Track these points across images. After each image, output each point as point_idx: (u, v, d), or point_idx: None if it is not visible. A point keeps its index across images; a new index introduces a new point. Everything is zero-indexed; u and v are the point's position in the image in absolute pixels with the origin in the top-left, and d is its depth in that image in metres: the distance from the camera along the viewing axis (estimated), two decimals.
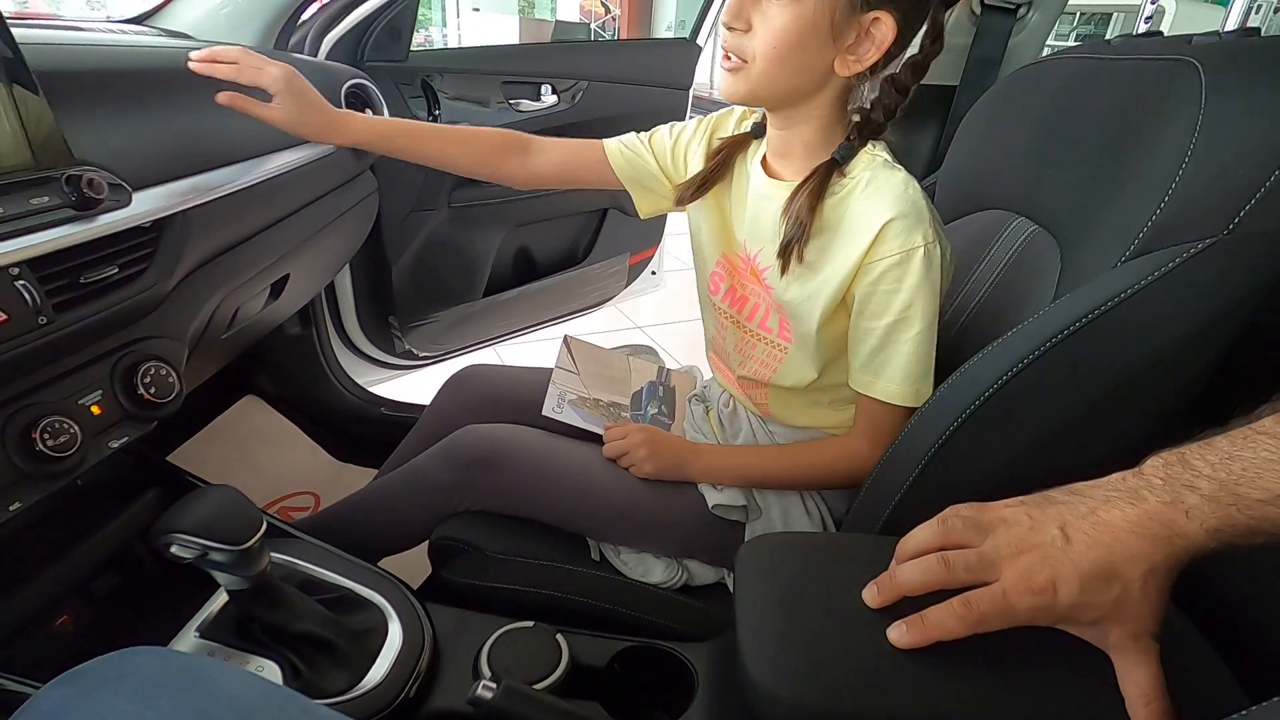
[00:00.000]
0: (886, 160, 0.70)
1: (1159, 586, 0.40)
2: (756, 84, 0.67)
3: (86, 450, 0.59)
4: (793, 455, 0.79)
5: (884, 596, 0.46)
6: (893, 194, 0.67)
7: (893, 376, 0.69)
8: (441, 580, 0.83)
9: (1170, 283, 0.51)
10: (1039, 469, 0.57)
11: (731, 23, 0.66)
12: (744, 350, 0.82)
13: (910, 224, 0.66)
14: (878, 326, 0.69)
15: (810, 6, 0.62)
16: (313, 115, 0.81)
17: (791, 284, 0.73)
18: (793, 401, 0.81)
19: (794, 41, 0.64)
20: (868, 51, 0.65)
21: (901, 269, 0.66)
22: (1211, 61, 0.56)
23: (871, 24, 0.63)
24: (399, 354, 1.52)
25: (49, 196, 0.55)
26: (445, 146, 0.89)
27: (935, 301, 0.68)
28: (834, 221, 0.70)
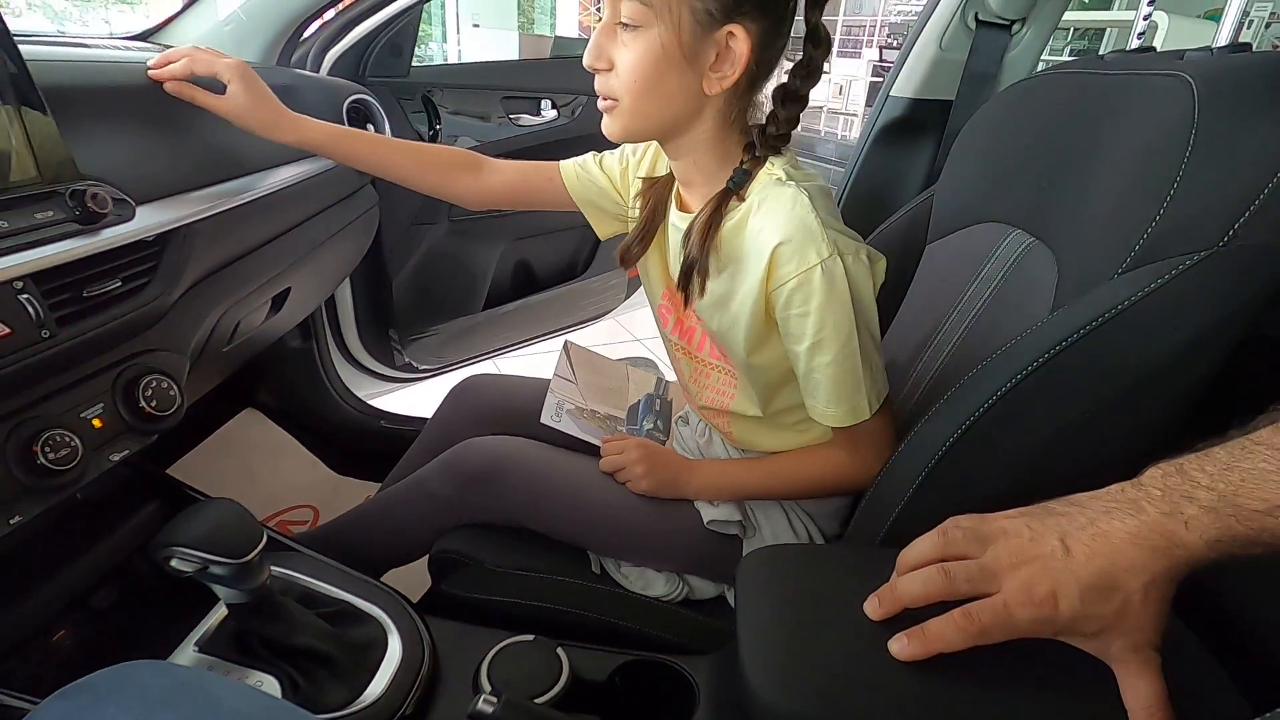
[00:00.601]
0: (779, 177, 0.67)
1: (1159, 597, 0.40)
2: (630, 120, 0.66)
3: (87, 463, 0.59)
4: (782, 465, 0.79)
5: (885, 608, 0.46)
6: (781, 215, 0.64)
7: (826, 399, 0.68)
8: (442, 593, 0.83)
9: (1167, 295, 0.51)
10: (1038, 480, 0.57)
11: (594, 64, 0.65)
12: (699, 380, 0.82)
13: (799, 245, 0.63)
14: (800, 351, 0.67)
15: (656, 35, 0.61)
16: (262, 110, 0.79)
17: (714, 315, 0.73)
18: (755, 427, 0.80)
19: (652, 72, 0.63)
20: (729, 68, 0.63)
21: (803, 291, 0.64)
22: (1203, 77, 0.56)
23: (727, 39, 0.62)
24: (399, 367, 1.52)
25: (53, 211, 0.56)
26: (394, 157, 0.87)
27: (849, 315, 0.65)
28: (737, 247, 0.68)
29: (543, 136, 1.48)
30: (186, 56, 0.77)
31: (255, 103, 0.78)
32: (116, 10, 9.04)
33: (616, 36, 0.64)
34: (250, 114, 0.78)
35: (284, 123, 0.80)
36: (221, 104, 0.77)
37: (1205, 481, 0.40)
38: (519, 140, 1.46)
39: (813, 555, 0.62)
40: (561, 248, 1.71)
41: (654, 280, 0.83)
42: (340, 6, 1.12)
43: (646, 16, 0.61)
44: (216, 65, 0.77)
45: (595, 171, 0.87)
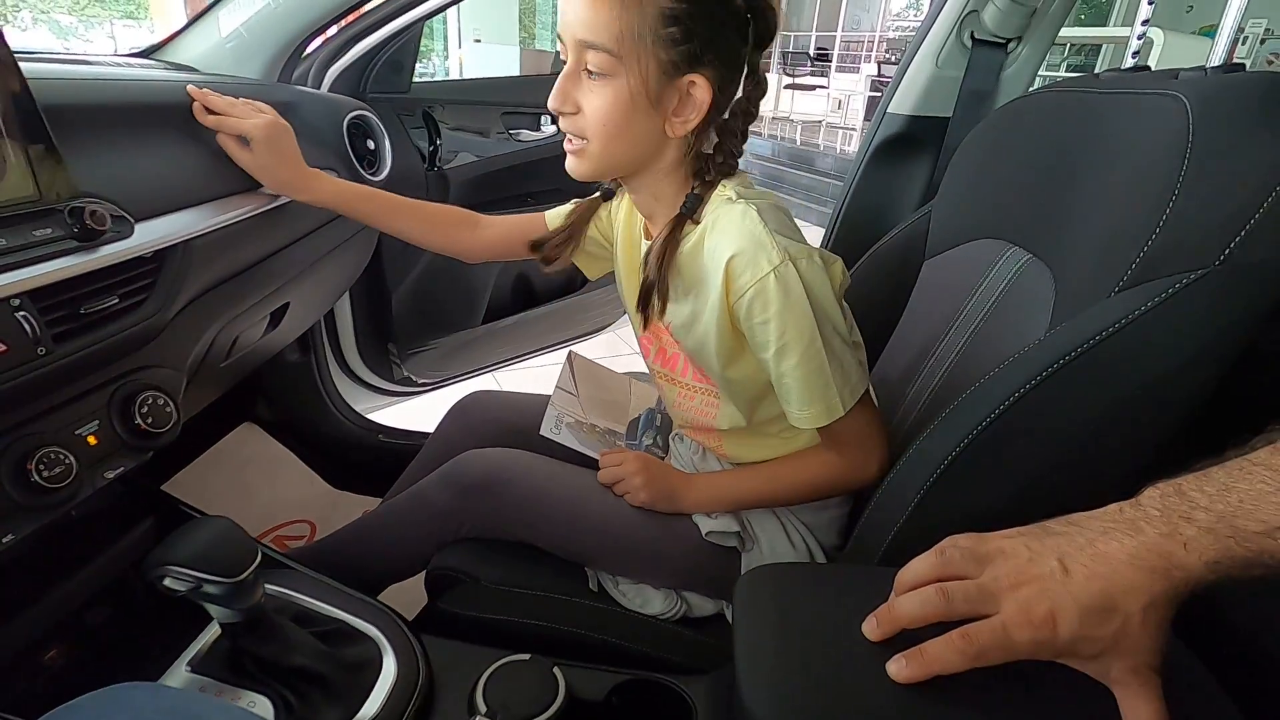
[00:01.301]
0: (730, 197, 0.70)
1: (1159, 619, 0.40)
2: (598, 161, 0.69)
3: (82, 481, 0.59)
4: (777, 471, 0.79)
5: (883, 629, 0.46)
6: (732, 230, 0.67)
7: (799, 402, 0.70)
8: (438, 611, 0.83)
9: (1164, 313, 0.51)
10: (1036, 499, 0.57)
11: (560, 108, 0.68)
12: (682, 403, 0.84)
13: (750, 256, 0.66)
14: (768, 359, 0.69)
15: (624, 83, 0.64)
16: (282, 170, 0.83)
17: (686, 335, 0.75)
18: (743, 441, 0.82)
19: (620, 117, 0.65)
20: (691, 113, 0.66)
21: (761, 300, 0.66)
22: (1198, 96, 0.57)
23: (689, 87, 0.65)
24: (398, 381, 1.52)
25: (51, 228, 0.56)
26: (400, 217, 0.92)
27: (809, 317, 0.66)
28: (696, 268, 0.71)
29: (542, 152, 1.49)
30: (222, 115, 0.81)
31: (275, 163, 0.82)
32: (122, 25, 9.12)
33: (581, 82, 0.66)
34: (266, 173, 0.83)
35: (298, 182, 0.85)
36: (244, 159, 0.81)
37: (1204, 502, 0.40)
38: (518, 155, 1.47)
39: (810, 574, 0.62)
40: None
41: (632, 310, 0.84)
42: (342, 24, 1.12)
43: (614, 67, 0.64)
44: (244, 126, 0.80)
45: None
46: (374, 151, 1.12)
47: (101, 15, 9.20)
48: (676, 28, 0.62)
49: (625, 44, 0.63)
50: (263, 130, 0.80)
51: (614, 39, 0.63)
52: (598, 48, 0.63)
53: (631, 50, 0.63)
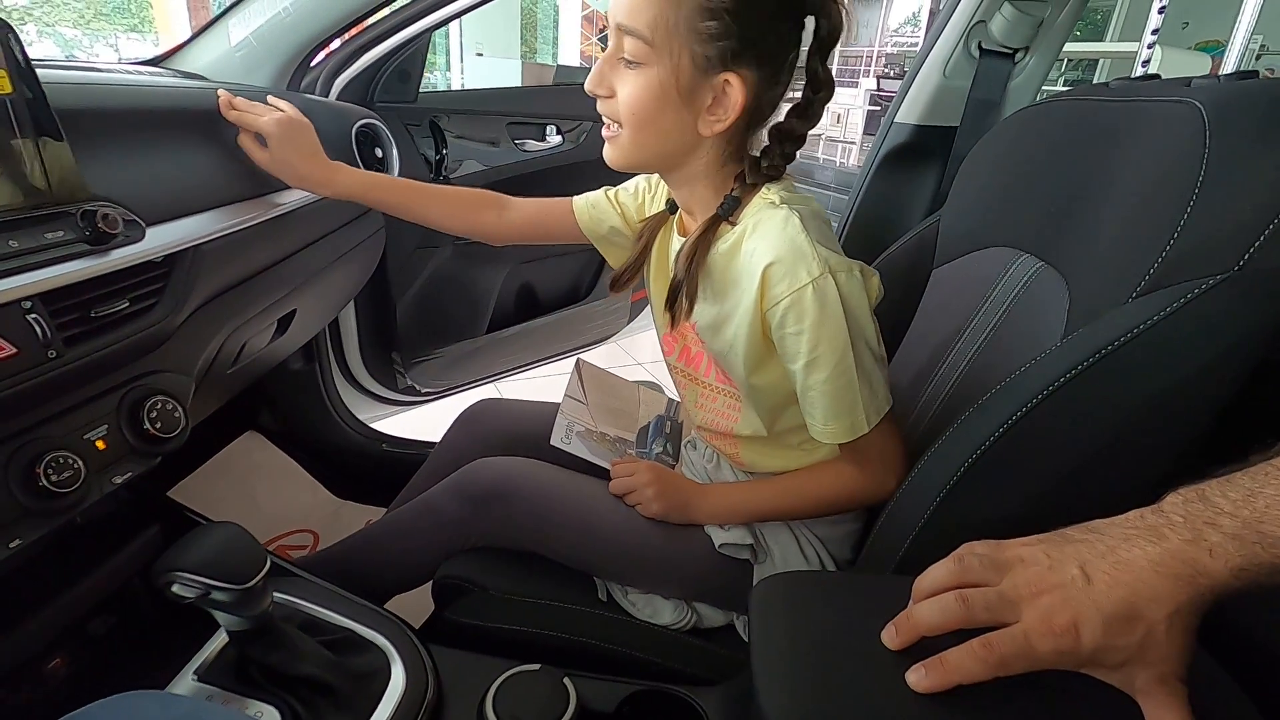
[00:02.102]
0: (773, 201, 0.68)
1: (1184, 627, 0.39)
2: (629, 149, 0.68)
3: (90, 486, 0.58)
4: (792, 484, 0.78)
5: (903, 638, 0.45)
6: (772, 236, 0.65)
7: (824, 416, 0.68)
8: (445, 620, 0.82)
9: (1183, 318, 0.51)
10: (1054, 506, 0.56)
11: (594, 90, 0.67)
12: (704, 405, 0.83)
13: (790, 265, 0.64)
14: (797, 370, 0.68)
15: (655, 74, 0.63)
16: (300, 164, 0.83)
17: (713, 337, 0.74)
18: (761, 449, 0.80)
19: (650, 107, 0.64)
20: (724, 112, 0.64)
21: (796, 310, 0.64)
22: (1213, 103, 0.57)
23: (724, 85, 0.63)
24: (401, 390, 1.51)
25: (64, 231, 0.56)
26: (425, 202, 0.91)
27: (843, 331, 0.65)
28: (730, 271, 0.69)
29: (548, 162, 1.49)
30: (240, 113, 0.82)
31: (293, 159, 0.82)
32: (126, 39, 9.18)
33: (618, 67, 0.65)
34: (284, 169, 0.83)
35: (317, 175, 0.84)
36: (259, 156, 0.82)
37: (1228, 508, 0.39)
38: (524, 165, 1.47)
39: (827, 583, 0.61)
40: (565, 272, 1.72)
41: (657, 308, 0.84)
42: (349, 35, 1.13)
43: (648, 55, 0.63)
44: (259, 123, 0.81)
45: (606, 207, 0.89)
46: (381, 160, 1.12)
47: (106, 29, 9.26)
48: (715, 22, 0.61)
49: (659, 33, 0.62)
50: (277, 126, 0.80)
51: (649, 26, 0.62)
52: (633, 33, 0.62)
53: (665, 41, 0.62)
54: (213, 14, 1.10)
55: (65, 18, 9.01)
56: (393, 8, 1.10)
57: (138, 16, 9.33)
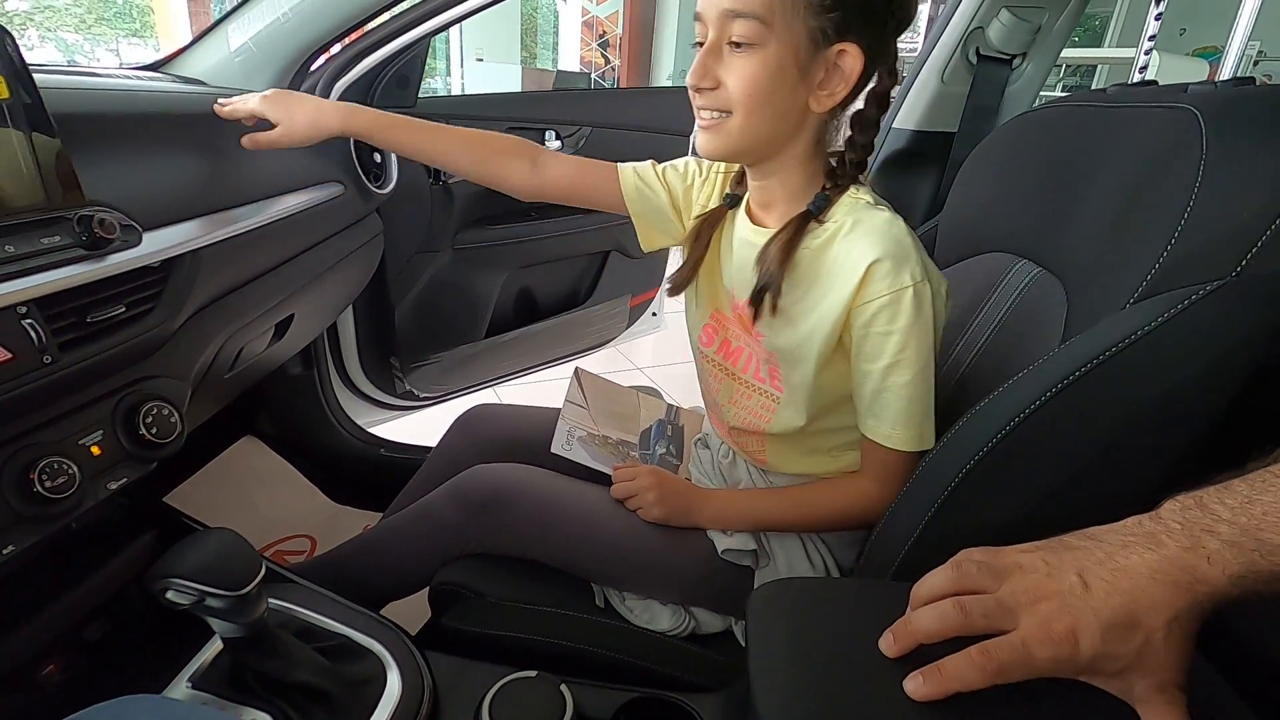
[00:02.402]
0: (869, 202, 0.69)
1: (1183, 635, 0.39)
2: (737, 136, 0.67)
3: (84, 492, 0.58)
4: (803, 497, 0.78)
5: (900, 645, 0.45)
6: (877, 234, 0.66)
7: (894, 421, 0.68)
8: (442, 627, 0.81)
9: (1181, 324, 0.51)
10: (1052, 513, 0.56)
11: (699, 83, 0.66)
12: (737, 401, 0.82)
13: (896, 264, 0.65)
14: (874, 370, 0.67)
15: (774, 50, 0.63)
16: (308, 117, 0.81)
17: (782, 331, 0.72)
18: (789, 450, 0.80)
19: (767, 87, 0.64)
20: (838, 85, 0.65)
21: (892, 310, 0.65)
22: (1210, 109, 0.57)
23: (838, 56, 0.63)
24: (399, 394, 1.51)
25: (60, 236, 0.56)
26: (447, 143, 0.86)
27: (929, 341, 0.67)
28: (819, 267, 0.69)
29: None
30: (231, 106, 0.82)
31: (298, 115, 0.81)
32: (127, 44, 9.20)
33: (723, 57, 0.65)
34: (295, 129, 0.81)
35: (329, 120, 0.82)
36: (272, 136, 0.81)
37: (1226, 515, 0.39)
38: None
39: (824, 589, 0.61)
40: (564, 276, 1.72)
41: (703, 297, 0.83)
42: (348, 40, 1.13)
43: (763, 34, 0.62)
44: (249, 105, 0.80)
45: (656, 184, 0.86)
46: (380, 165, 1.12)
47: (108, 34, 9.29)
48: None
49: (774, 10, 0.61)
50: (268, 100, 0.80)
51: (764, 5, 0.61)
52: (746, 15, 0.62)
53: (781, 16, 0.61)
54: (213, 19, 1.10)
55: (66, 23, 9.02)
56: (393, 13, 1.10)
57: (139, 22, 9.34)
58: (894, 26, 0.66)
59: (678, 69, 9.90)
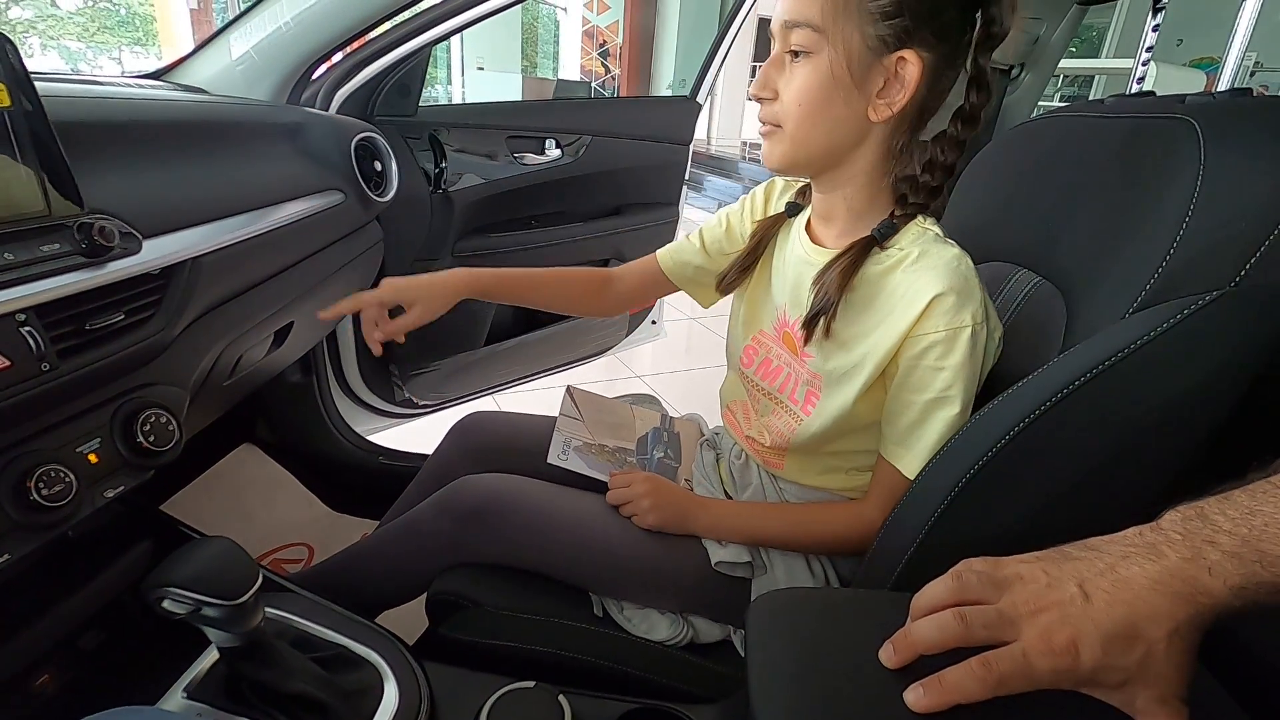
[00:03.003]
0: (938, 235, 0.69)
1: (1184, 647, 0.39)
2: (793, 146, 0.67)
3: (81, 500, 0.58)
4: (801, 517, 0.77)
5: (900, 656, 0.44)
6: (944, 268, 0.65)
7: (920, 454, 0.67)
8: (439, 637, 0.81)
9: (1180, 334, 0.51)
10: (1052, 523, 0.56)
11: (760, 93, 0.66)
12: (764, 418, 0.82)
13: (960, 301, 0.64)
14: (918, 401, 0.67)
15: (826, 60, 0.62)
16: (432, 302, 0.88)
17: (834, 354, 0.72)
18: (807, 464, 0.79)
19: (819, 96, 0.64)
20: (897, 94, 0.63)
21: (947, 346, 0.64)
22: (1208, 120, 0.57)
23: (897, 64, 0.62)
24: (398, 402, 1.51)
25: (60, 244, 0.56)
26: (546, 288, 0.95)
27: (975, 384, 0.66)
28: (880, 293, 0.68)
29: (547, 175, 1.50)
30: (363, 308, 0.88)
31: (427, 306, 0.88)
32: (130, 52, 9.24)
33: (784, 67, 0.65)
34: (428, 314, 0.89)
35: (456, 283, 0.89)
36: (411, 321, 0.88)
37: (1227, 526, 0.39)
38: (523, 179, 1.48)
39: (824, 599, 0.60)
40: None
41: (749, 317, 0.84)
42: (349, 49, 1.14)
43: (817, 42, 0.62)
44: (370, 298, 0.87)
45: (686, 246, 0.92)
46: (380, 173, 1.13)
47: (110, 42, 9.33)
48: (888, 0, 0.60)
49: (829, 16, 0.61)
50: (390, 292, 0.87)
51: (818, 12, 0.61)
52: (801, 24, 0.62)
53: (836, 23, 0.61)
54: (215, 28, 1.10)
55: (69, 31, 9.07)
56: (394, 23, 1.11)
57: (141, 30, 9.39)
58: (980, 39, 0.63)
59: (677, 78, 9.95)
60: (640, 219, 1.69)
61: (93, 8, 9.41)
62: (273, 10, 1.04)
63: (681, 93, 1.74)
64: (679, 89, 9.27)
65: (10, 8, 8.12)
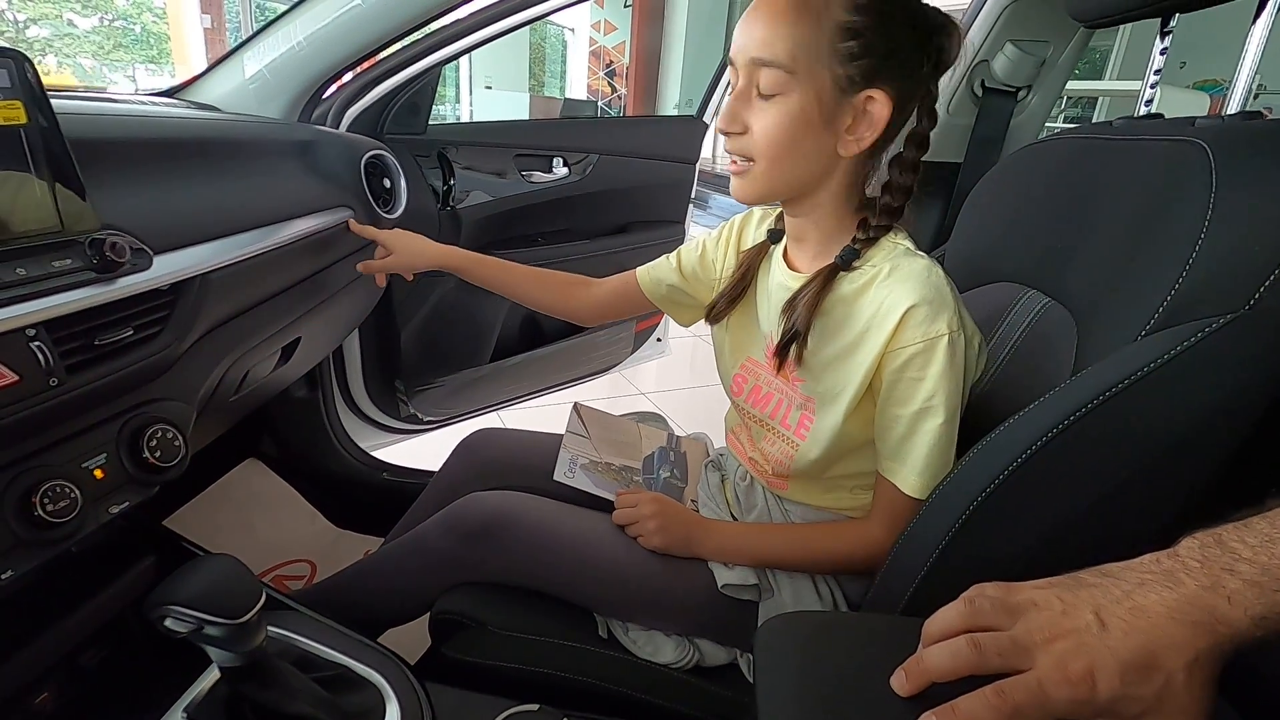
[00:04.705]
0: (908, 249, 0.69)
1: (1204, 678, 0.38)
2: (763, 182, 0.68)
3: (86, 516, 0.57)
4: (808, 538, 0.77)
5: (913, 683, 0.43)
6: (915, 280, 0.66)
7: (914, 467, 0.67)
8: (442, 657, 0.80)
9: (1194, 357, 0.51)
10: (1065, 547, 0.55)
11: (727, 128, 0.67)
12: (760, 445, 0.82)
13: (933, 311, 0.64)
14: (904, 415, 0.67)
15: (796, 100, 0.63)
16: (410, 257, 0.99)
17: (821, 376, 0.72)
18: (811, 485, 0.79)
19: (788, 136, 0.64)
20: (866, 131, 0.65)
21: (925, 357, 0.65)
22: (1218, 142, 0.57)
23: (866, 103, 0.64)
24: (404, 418, 1.51)
25: (71, 259, 0.56)
26: (523, 280, 0.99)
27: (959, 392, 0.66)
28: (855, 312, 0.69)
29: (554, 193, 1.51)
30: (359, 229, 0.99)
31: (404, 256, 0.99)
32: (144, 71, 9.38)
33: (751, 102, 0.65)
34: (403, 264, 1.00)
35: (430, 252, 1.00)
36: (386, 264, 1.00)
37: (1247, 554, 0.38)
38: (530, 196, 1.48)
39: (833, 624, 0.59)
40: None
41: (736, 344, 0.84)
42: (360, 69, 1.15)
43: (788, 84, 0.63)
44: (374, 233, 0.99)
45: (663, 266, 0.94)
46: (390, 190, 1.13)
47: (125, 60, 9.48)
48: (855, 42, 0.61)
49: (800, 60, 0.62)
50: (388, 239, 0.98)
51: (789, 55, 0.62)
52: (771, 64, 0.62)
53: (806, 66, 0.62)
54: (229, 47, 1.12)
55: (85, 49, 9.23)
56: (404, 43, 1.12)
57: (156, 49, 9.54)
58: (930, 70, 0.66)
59: (683, 98, 10.04)
60: (646, 237, 1.70)
61: (108, 27, 9.58)
62: (286, 30, 1.05)
63: (688, 112, 1.75)
64: (685, 109, 9.34)
65: (29, 26, 8.27)
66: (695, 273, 0.91)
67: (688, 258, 0.91)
